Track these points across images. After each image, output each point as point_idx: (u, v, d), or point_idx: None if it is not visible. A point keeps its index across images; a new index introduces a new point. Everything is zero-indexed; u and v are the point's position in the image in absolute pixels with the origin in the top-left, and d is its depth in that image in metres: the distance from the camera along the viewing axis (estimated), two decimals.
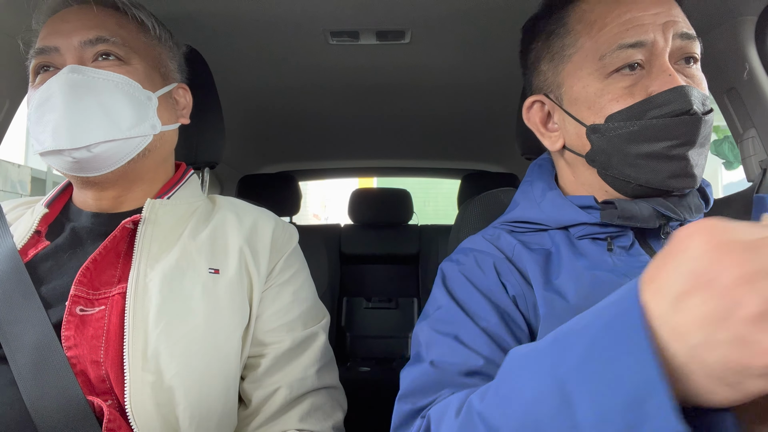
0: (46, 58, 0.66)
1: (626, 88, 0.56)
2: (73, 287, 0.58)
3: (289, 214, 1.99)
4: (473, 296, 0.59)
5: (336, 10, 0.92)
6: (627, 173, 0.58)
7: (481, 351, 0.54)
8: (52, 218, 0.70)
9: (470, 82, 1.27)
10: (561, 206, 0.63)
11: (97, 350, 0.56)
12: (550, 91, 0.64)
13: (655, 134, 0.55)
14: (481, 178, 2.01)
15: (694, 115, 0.54)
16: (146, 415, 0.54)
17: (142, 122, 0.67)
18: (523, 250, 0.62)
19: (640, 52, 0.55)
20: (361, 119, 1.61)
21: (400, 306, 2.04)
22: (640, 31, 0.55)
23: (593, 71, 0.58)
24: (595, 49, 0.58)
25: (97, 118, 0.63)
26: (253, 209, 0.76)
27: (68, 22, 0.67)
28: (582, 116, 0.60)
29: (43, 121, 0.62)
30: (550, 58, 0.63)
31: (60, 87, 0.62)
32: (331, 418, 0.68)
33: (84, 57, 0.66)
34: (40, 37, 0.68)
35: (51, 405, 0.52)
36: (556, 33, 0.62)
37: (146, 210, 0.66)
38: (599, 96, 0.58)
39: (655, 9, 0.56)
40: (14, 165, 6.35)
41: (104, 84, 0.64)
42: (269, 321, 0.68)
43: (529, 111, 0.68)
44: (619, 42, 0.56)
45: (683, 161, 0.55)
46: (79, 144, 0.61)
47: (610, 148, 0.58)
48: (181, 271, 0.63)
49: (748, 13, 0.84)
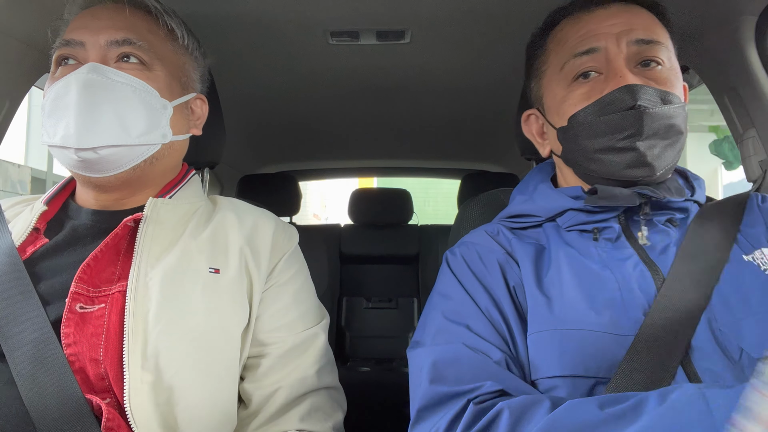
0: (70, 50, 0.66)
1: (584, 93, 0.63)
2: (74, 284, 0.58)
3: (289, 214, 1.99)
4: (476, 288, 0.62)
5: (336, 10, 0.92)
6: (591, 168, 0.64)
7: (494, 342, 0.57)
8: (51, 215, 0.69)
9: (470, 82, 1.27)
10: (550, 196, 0.69)
11: (97, 348, 0.56)
12: (538, 104, 0.73)
13: (605, 129, 0.60)
14: (481, 178, 2.01)
15: (638, 109, 0.58)
16: (145, 415, 0.54)
17: (153, 130, 0.67)
18: (518, 244, 0.66)
19: (593, 59, 0.62)
20: (361, 119, 1.61)
21: (399, 306, 2.04)
22: (593, 40, 0.63)
23: (558, 81, 0.66)
24: (558, 62, 0.66)
25: (108, 121, 0.63)
26: (253, 210, 0.76)
27: (99, 19, 0.67)
28: (554, 121, 0.68)
29: (56, 114, 0.62)
30: (535, 75, 0.73)
31: (78, 85, 0.62)
32: (331, 419, 0.68)
33: (108, 56, 0.66)
34: (69, 29, 0.68)
35: (49, 403, 0.52)
36: (537, 54, 0.72)
37: (148, 208, 0.66)
38: (563, 102, 0.65)
39: (612, 21, 0.63)
40: (14, 165, 6.34)
41: (122, 87, 0.64)
42: (269, 321, 0.68)
43: (527, 123, 0.76)
44: (574, 51, 0.64)
45: (634, 152, 0.59)
46: (85, 145, 0.61)
47: (574, 147, 0.65)
48: (181, 271, 0.63)
49: (748, 13, 0.84)
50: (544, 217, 0.68)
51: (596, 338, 0.53)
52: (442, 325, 0.60)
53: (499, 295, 0.61)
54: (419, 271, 2.07)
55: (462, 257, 0.67)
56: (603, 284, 0.57)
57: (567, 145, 0.66)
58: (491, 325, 0.58)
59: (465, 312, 0.60)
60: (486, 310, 0.60)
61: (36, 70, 0.93)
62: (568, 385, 0.53)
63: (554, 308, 0.57)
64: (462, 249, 0.68)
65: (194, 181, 0.78)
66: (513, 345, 0.58)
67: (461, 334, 0.58)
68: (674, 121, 0.59)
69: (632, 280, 0.57)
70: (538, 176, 0.75)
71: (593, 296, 0.56)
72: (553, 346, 0.55)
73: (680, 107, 0.60)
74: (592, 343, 0.53)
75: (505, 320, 0.59)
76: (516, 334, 0.58)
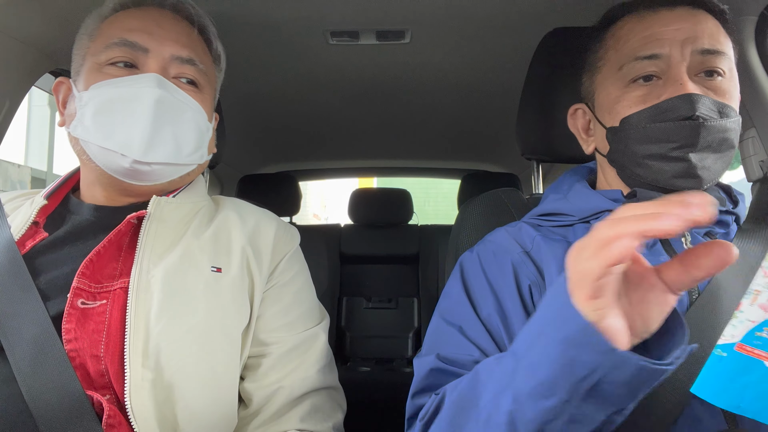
0: (131, 53, 0.65)
1: (640, 96, 0.61)
2: (76, 279, 0.58)
3: (289, 214, 1.98)
4: (482, 286, 0.62)
5: (336, 10, 0.92)
6: (637, 172, 0.62)
7: (481, 344, 0.58)
8: (51, 210, 0.69)
9: (470, 82, 1.27)
10: (587, 196, 0.67)
11: (98, 344, 0.56)
12: (588, 99, 0.71)
13: (659, 136, 0.58)
14: (481, 178, 2.01)
15: (696, 120, 0.56)
16: (145, 412, 0.54)
17: (198, 150, 0.70)
18: (543, 242, 0.65)
19: (655, 64, 0.60)
20: (361, 119, 1.61)
21: (399, 306, 2.04)
22: (657, 45, 0.60)
23: (615, 80, 0.64)
24: (617, 61, 0.64)
25: (169, 140, 0.64)
26: (255, 210, 0.76)
27: (163, 29, 0.67)
28: (604, 120, 0.66)
29: (114, 117, 0.62)
30: (588, 69, 0.70)
31: (150, 100, 0.62)
32: (331, 419, 0.68)
33: (168, 69, 0.66)
34: (125, 26, 0.66)
35: (50, 399, 0.52)
36: (594, 48, 0.69)
37: (152, 206, 0.66)
38: (617, 102, 0.63)
39: (677, 25, 0.60)
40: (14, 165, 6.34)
41: (183, 108, 0.66)
42: (270, 321, 0.69)
43: (573, 117, 0.74)
44: (636, 54, 0.61)
45: (684, 163, 0.58)
46: (145, 159, 0.63)
47: (623, 149, 0.63)
48: (183, 269, 0.63)
49: (748, 13, 0.84)
50: (578, 217, 0.66)
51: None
52: (438, 328, 0.62)
53: (506, 299, 0.61)
54: (419, 271, 2.06)
55: (478, 256, 0.67)
56: None
57: (615, 146, 0.64)
58: (486, 331, 0.59)
59: (460, 312, 0.61)
60: (487, 315, 0.60)
61: (36, 70, 0.92)
62: None
63: None
64: (480, 248, 0.68)
65: (198, 181, 0.78)
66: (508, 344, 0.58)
67: (452, 338, 0.59)
68: (729, 135, 0.58)
69: None
70: (573, 177, 0.73)
71: None
72: None
73: (736, 121, 0.59)
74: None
75: (507, 327, 0.59)
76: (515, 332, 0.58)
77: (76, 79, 0.68)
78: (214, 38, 0.74)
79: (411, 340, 1.98)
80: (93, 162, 0.66)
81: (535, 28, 0.88)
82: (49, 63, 0.93)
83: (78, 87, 0.67)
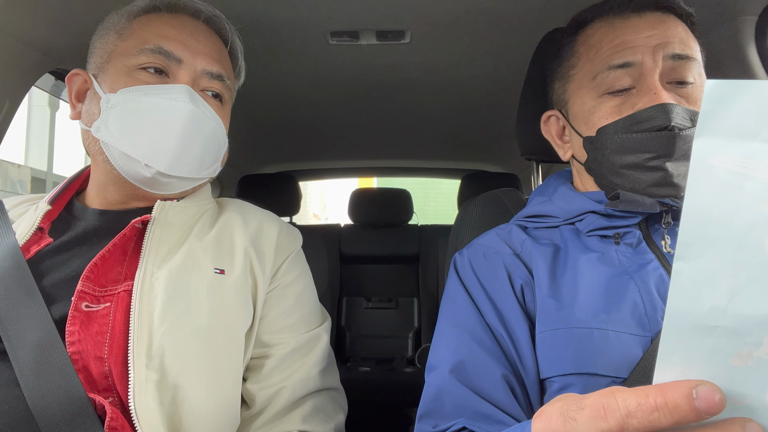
0: (165, 62, 0.65)
1: (615, 107, 0.62)
2: (80, 283, 0.58)
3: (289, 215, 1.98)
4: (479, 293, 0.62)
5: (336, 10, 0.92)
6: (615, 181, 0.63)
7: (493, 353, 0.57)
8: (55, 215, 0.69)
9: (470, 82, 1.27)
10: (571, 198, 0.68)
11: (101, 346, 0.56)
12: (561, 106, 0.71)
13: (636, 146, 0.59)
14: (481, 178, 2.01)
15: (672, 131, 0.57)
16: (150, 414, 0.54)
17: (215, 164, 0.71)
18: (532, 245, 0.65)
19: (628, 73, 0.61)
20: (361, 119, 1.61)
21: (399, 306, 2.04)
22: (629, 53, 0.61)
23: (589, 90, 0.64)
24: (590, 70, 0.64)
25: (195, 156, 0.65)
26: (258, 211, 0.77)
27: (197, 41, 0.67)
28: (581, 130, 0.67)
29: (145, 128, 0.63)
30: (560, 77, 0.71)
31: (183, 116, 0.63)
32: (333, 420, 0.68)
33: (197, 82, 0.67)
34: (160, 33, 0.66)
35: (52, 403, 0.52)
36: (566, 56, 0.69)
37: (156, 210, 0.66)
38: (592, 113, 0.64)
39: (648, 32, 0.61)
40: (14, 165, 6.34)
41: (209, 123, 0.66)
42: (273, 322, 0.69)
43: (546, 124, 0.74)
44: (609, 63, 0.62)
45: (662, 172, 0.59)
46: (171, 172, 0.63)
47: (600, 158, 0.64)
48: (186, 271, 0.63)
49: (748, 13, 0.84)
50: (563, 218, 0.67)
51: (614, 337, 0.53)
52: (447, 333, 0.62)
53: (502, 299, 0.61)
54: (419, 271, 2.07)
55: (468, 260, 0.67)
56: (622, 286, 0.57)
57: (593, 155, 0.65)
58: (492, 334, 0.59)
59: (466, 316, 0.61)
60: (487, 318, 0.60)
61: (36, 70, 0.92)
62: (583, 383, 0.53)
63: (570, 308, 0.57)
64: (470, 251, 0.68)
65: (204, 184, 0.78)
66: (516, 350, 0.58)
67: (463, 345, 0.59)
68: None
69: (651, 283, 0.56)
70: (558, 180, 0.74)
71: (612, 297, 0.56)
72: (568, 344, 0.55)
73: None
74: (610, 342, 0.53)
75: (507, 327, 0.59)
76: (520, 335, 0.58)
77: (98, 75, 0.68)
78: (240, 54, 0.75)
79: (411, 340, 1.98)
80: (110, 164, 0.66)
81: (534, 28, 0.89)
82: (49, 63, 0.93)
83: (103, 87, 0.66)
